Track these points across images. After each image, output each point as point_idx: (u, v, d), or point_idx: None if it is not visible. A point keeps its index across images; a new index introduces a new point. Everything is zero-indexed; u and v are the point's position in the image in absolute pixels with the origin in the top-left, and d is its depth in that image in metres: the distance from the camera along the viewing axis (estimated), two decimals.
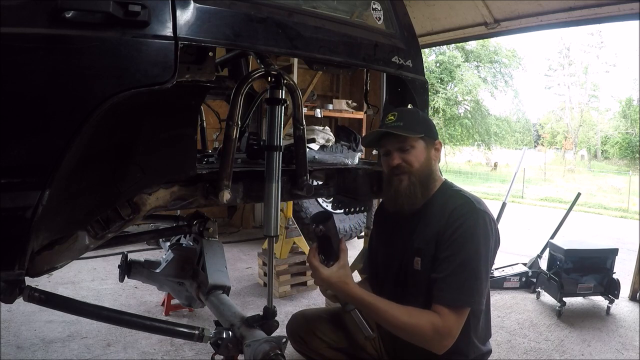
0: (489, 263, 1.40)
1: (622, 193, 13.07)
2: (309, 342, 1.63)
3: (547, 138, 28.11)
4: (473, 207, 1.42)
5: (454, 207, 1.43)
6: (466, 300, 1.34)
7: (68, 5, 0.98)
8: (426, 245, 1.45)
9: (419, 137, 1.49)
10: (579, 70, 26.31)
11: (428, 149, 1.52)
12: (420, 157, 1.50)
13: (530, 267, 3.81)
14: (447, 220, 1.42)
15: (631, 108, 23.53)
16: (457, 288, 1.33)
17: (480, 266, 1.35)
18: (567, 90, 26.64)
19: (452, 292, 1.33)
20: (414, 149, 1.49)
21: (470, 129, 20.17)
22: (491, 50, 19.59)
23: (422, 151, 1.50)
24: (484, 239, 1.38)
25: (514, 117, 24.81)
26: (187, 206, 1.53)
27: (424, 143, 1.51)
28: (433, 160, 1.54)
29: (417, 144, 1.49)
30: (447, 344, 1.32)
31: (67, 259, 1.30)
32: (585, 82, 26.26)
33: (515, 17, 3.90)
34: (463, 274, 1.34)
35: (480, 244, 1.37)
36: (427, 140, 1.52)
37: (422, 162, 1.50)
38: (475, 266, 1.35)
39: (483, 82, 19.59)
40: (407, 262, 1.50)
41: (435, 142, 1.55)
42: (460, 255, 1.36)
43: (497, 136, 21.11)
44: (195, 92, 1.26)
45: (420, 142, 1.50)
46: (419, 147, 1.50)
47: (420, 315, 1.34)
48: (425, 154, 1.51)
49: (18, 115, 0.98)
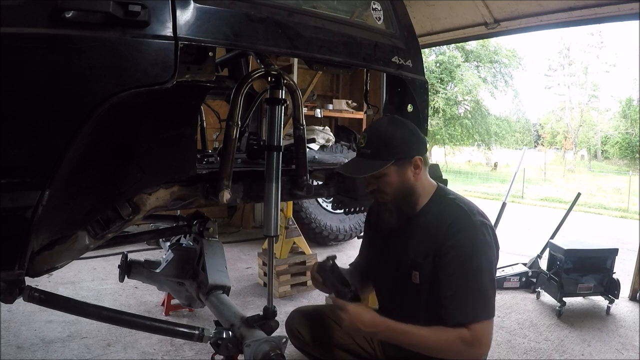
0: (493, 271, 1.38)
1: (622, 193, 13.07)
2: (307, 338, 1.62)
3: (547, 138, 28.12)
4: (470, 221, 1.38)
5: (450, 222, 1.39)
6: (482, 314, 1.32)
7: (68, 5, 0.98)
8: (423, 259, 1.42)
9: (389, 164, 1.41)
10: (579, 70, 26.31)
11: (403, 171, 1.44)
12: (394, 183, 1.44)
13: (530, 267, 3.81)
14: (445, 235, 1.37)
15: (631, 108, 23.52)
16: (472, 305, 1.32)
17: (485, 280, 1.34)
18: (567, 90, 26.66)
19: (467, 310, 1.32)
20: (386, 176, 1.43)
21: (470, 129, 20.17)
22: (491, 50, 19.60)
23: (395, 176, 1.43)
24: (484, 251, 1.36)
25: (514, 117, 24.81)
26: (187, 206, 1.53)
27: (397, 167, 1.42)
28: (412, 179, 1.45)
29: (388, 170, 1.42)
30: (482, 352, 1.33)
31: (67, 259, 1.31)
32: (585, 82, 26.26)
33: (515, 17, 3.90)
34: (471, 291, 1.32)
35: (482, 257, 1.35)
36: (401, 162, 1.43)
37: (396, 187, 1.44)
38: (480, 280, 1.33)
39: (483, 82, 19.60)
40: (405, 274, 1.48)
41: (413, 160, 1.44)
42: (463, 273, 1.33)
43: (497, 136, 21.12)
44: (195, 92, 1.26)
45: (391, 168, 1.42)
46: (391, 173, 1.43)
47: (448, 333, 1.32)
48: (399, 178, 1.44)
49: (18, 115, 0.98)
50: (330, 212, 4.84)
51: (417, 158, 1.44)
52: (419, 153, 1.45)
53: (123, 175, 1.21)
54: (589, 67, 26.14)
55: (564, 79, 26.72)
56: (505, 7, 3.90)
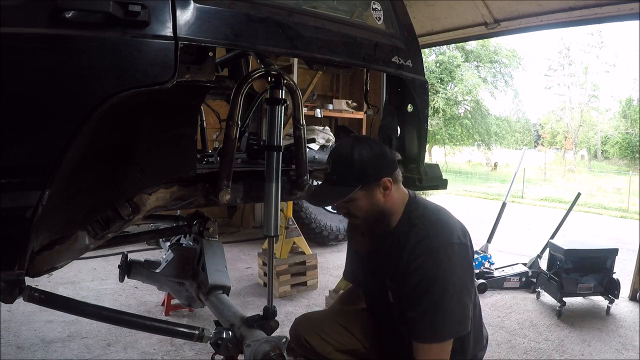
0: (460, 290, 1.35)
1: (622, 193, 13.06)
2: (316, 346, 1.61)
3: (547, 138, 28.12)
4: (430, 245, 1.35)
5: (414, 244, 1.37)
6: (440, 336, 1.34)
7: (68, 5, 0.98)
8: (391, 281, 1.45)
9: (356, 189, 1.39)
10: (579, 70, 26.32)
11: (371, 194, 1.42)
12: (363, 207, 1.43)
13: (530, 267, 3.81)
14: (408, 258, 1.36)
15: (631, 108, 23.52)
16: (430, 326, 1.33)
17: (446, 301, 1.32)
18: (567, 90, 26.67)
19: (426, 330, 1.34)
20: (355, 201, 1.42)
21: (470, 129, 20.16)
22: (491, 50, 19.59)
23: (364, 200, 1.42)
24: (448, 273, 1.33)
25: (514, 117, 24.79)
26: (187, 206, 1.53)
27: (365, 191, 1.40)
28: (382, 200, 1.43)
29: (356, 195, 1.40)
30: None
31: (67, 259, 1.31)
32: (585, 82, 26.27)
33: (515, 17, 3.90)
34: (433, 314, 1.33)
35: (447, 279, 1.33)
36: (368, 186, 1.41)
37: (366, 210, 1.43)
38: (442, 302, 1.32)
39: (483, 82, 19.59)
40: (382, 292, 1.51)
41: (382, 182, 1.41)
42: (426, 297, 1.32)
43: (497, 136, 21.11)
44: (195, 92, 1.26)
45: (359, 192, 1.40)
46: (360, 198, 1.41)
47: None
48: (368, 201, 1.42)
49: (18, 115, 0.98)
50: (330, 212, 4.84)
51: (385, 179, 1.42)
52: (387, 174, 1.43)
53: (123, 175, 1.21)
54: (589, 67, 26.18)
55: (564, 79, 26.74)
56: (505, 7, 3.90)
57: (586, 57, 26.31)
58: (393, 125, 1.96)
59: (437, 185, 2.02)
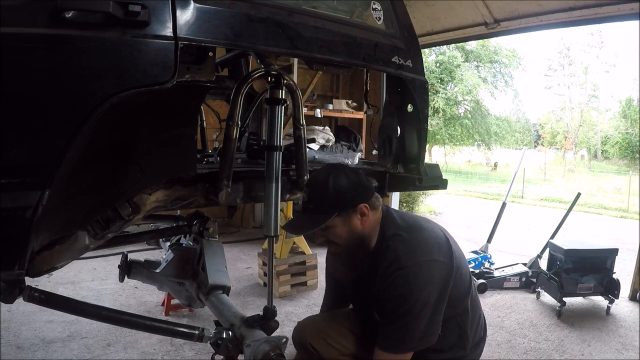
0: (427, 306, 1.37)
1: (622, 193, 13.06)
2: (321, 351, 1.61)
3: (547, 138, 28.10)
4: (399, 265, 1.38)
5: (384, 267, 1.41)
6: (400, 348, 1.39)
7: (68, 5, 0.98)
8: (374, 302, 1.49)
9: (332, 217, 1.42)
10: (579, 70, 26.29)
11: (349, 221, 1.44)
12: (342, 234, 1.45)
13: (530, 267, 3.81)
14: (380, 280, 1.42)
15: (631, 108, 23.50)
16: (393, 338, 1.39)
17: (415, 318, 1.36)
18: (567, 90, 26.64)
19: (388, 340, 1.40)
20: (333, 228, 1.44)
21: (470, 129, 20.14)
22: (491, 50, 19.57)
23: (342, 227, 1.44)
24: (416, 291, 1.36)
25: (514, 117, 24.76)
26: (187, 206, 1.53)
27: (342, 218, 1.43)
28: (360, 226, 1.46)
29: (333, 223, 1.43)
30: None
31: (67, 259, 1.31)
32: (585, 82, 26.25)
33: (515, 17, 3.90)
34: (396, 328, 1.39)
35: (413, 297, 1.35)
36: (345, 213, 1.43)
37: (345, 237, 1.46)
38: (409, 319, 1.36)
39: (483, 82, 19.56)
40: (369, 312, 1.55)
41: (358, 209, 1.44)
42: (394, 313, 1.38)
43: (497, 136, 21.09)
44: (195, 92, 1.26)
45: (336, 219, 1.42)
46: (337, 225, 1.44)
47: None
48: (346, 228, 1.45)
49: (18, 115, 0.98)
50: None
51: (361, 206, 1.44)
52: (363, 200, 1.45)
53: (123, 175, 1.21)
54: (589, 67, 26.15)
55: (564, 79, 26.72)
56: (505, 7, 3.90)
57: (586, 57, 26.33)
58: (393, 125, 1.96)
59: (437, 185, 2.02)
